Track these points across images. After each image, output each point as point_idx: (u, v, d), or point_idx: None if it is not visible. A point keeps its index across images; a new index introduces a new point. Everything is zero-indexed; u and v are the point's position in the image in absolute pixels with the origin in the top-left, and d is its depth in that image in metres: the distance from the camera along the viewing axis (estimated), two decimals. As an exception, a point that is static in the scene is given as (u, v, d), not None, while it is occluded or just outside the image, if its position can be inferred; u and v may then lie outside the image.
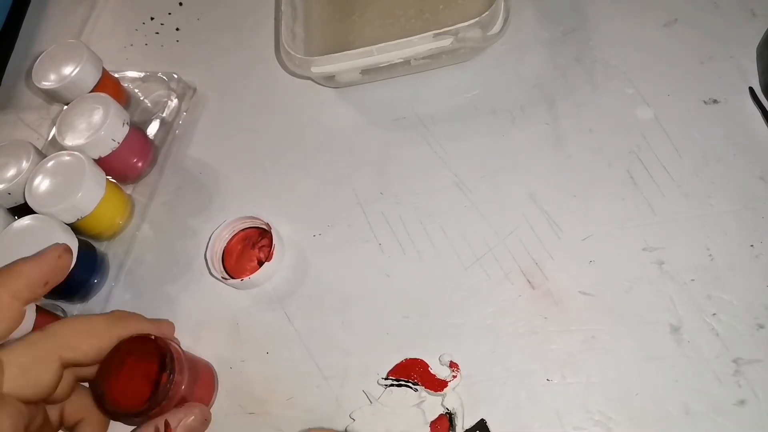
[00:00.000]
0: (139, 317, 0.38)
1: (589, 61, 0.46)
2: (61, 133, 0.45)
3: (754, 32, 0.44)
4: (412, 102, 0.48)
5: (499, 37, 0.43)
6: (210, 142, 0.51)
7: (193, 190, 0.49)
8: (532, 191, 0.42)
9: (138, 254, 0.48)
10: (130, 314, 0.38)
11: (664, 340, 0.36)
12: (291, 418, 0.39)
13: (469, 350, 0.38)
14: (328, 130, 0.49)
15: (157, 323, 0.40)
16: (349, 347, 0.40)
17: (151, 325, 0.39)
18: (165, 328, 0.41)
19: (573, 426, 0.35)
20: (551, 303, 0.39)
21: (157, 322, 0.40)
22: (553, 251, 0.40)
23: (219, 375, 0.41)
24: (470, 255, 0.41)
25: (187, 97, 0.53)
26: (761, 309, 0.36)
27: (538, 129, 0.44)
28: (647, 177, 0.41)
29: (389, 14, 0.50)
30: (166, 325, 0.41)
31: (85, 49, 0.48)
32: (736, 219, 0.39)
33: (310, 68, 0.45)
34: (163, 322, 0.41)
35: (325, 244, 0.44)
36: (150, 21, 0.59)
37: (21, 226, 0.41)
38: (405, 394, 0.38)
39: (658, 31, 0.46)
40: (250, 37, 0.55)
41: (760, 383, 0.34)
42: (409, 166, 0.45)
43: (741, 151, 0.41)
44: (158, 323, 0.40)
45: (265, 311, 0.43)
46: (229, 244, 0.45)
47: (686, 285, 0.38)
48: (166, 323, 0.42)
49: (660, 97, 0.43)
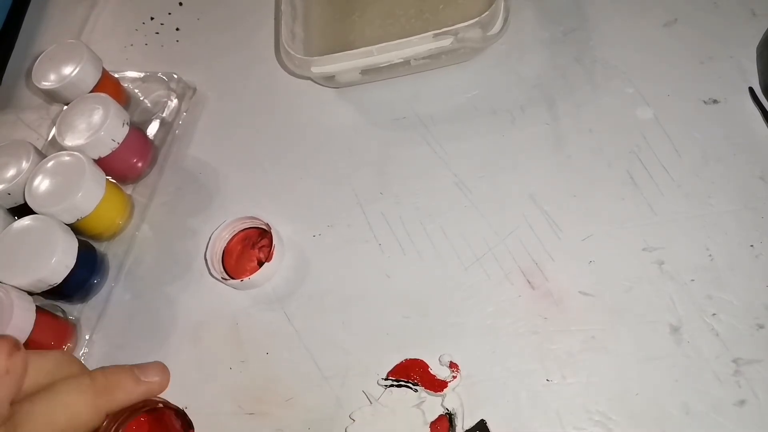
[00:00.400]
0: (124, 378, 0.31)
1: (589, 61, 0.46)
2: (61, 134, 0.45)
3: (754, 32, 0.44)
4: (412, 102, 0.48)
5: (499, 37, 0.43)
6: (210, 142, 0.51)
7: (193, 190, 0.49)
8: (532, 191, 0.42)
9: (138, 254, 0.48)
10: (115, 375, 0.31)
11: (664, 340, 0.36)
12: (291, 418, 0.39)
13: (469, 350, 0.38)
14: (328, 130, 0.49)
15: (146, 381, 0.32)
16: (349, 347, 0.40)
17: (138, 385, 0.32)
18: (156, 381, 0.33)
19: (573, 426, 0.35)
20: (551, 303, 0.39)
21: (145, 375, 0.33)
22: (553, 251, 0.40)
23: (219, 375, 0.41)
24: (470, 255, 0.41)
25: (187, 97, 0.53)
26: (761, 309, 0.36)
27: (538, 129, 0.44)
28: (647, 177, 0.41)
29: (389, 14, 0.50)
30: (154, 371, 0.33)
31: (85, 49, 0.48)
32: (736, 219, 0.39)
33: (310, 68, 0.45)
34: (150, 369, 0.33)
35: (325, 244, 0.44)
36: (150, 21, 0.59)
37: (21, 226, 0.41)
38: (405, 395, 0.38)
39: (658, 31, 0.46)
40: (250, 37, 0.55)
41: (760, 383, 0.34)
42: (409, 166, 0.45)
43: (741, 151, 0.41)
44: (147, 379, 0.33)
45: (264, 311, 0.43)
46: (229, 244, 0.45)
47: (686, 285, 0.38)
48: (155, 370, 0.33)
49: (660, 97, 0.43)
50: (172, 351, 0.43)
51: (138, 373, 0.32)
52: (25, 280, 0.40)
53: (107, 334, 0.45)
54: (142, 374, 0.33)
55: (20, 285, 0.40)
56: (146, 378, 0.33)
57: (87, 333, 0.45)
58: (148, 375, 0.33)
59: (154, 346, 0.43)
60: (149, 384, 0.33)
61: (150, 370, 0.33)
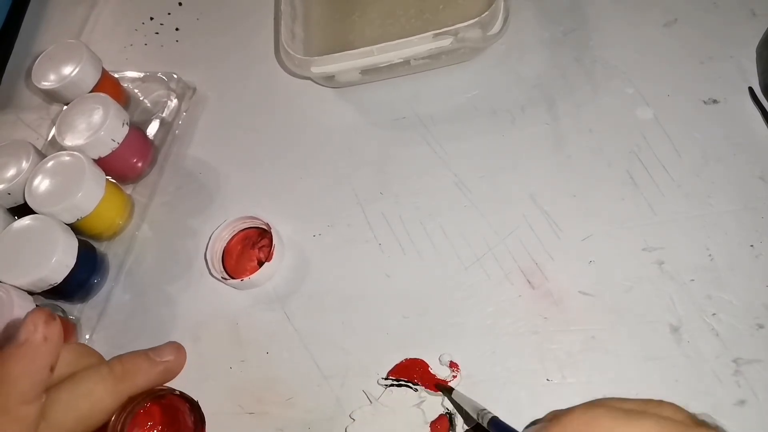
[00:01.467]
0: (140, 362, 0.33)
1: (589, 61, 0.46)
2: (60, 133, 0.45)
3: (754, 32, 0.44)
4: (412, 102, 0.48)
5: (499, 37, 0.43)
6: (210, 142, 0.51)
7: (193, 190, 0.49)
8: (532, 191, 0.42)
9: (138, 254, 0.48)
10: (131, 360, 0.33)
11: (664, 340, 0.36)
12: (291, 418, 0.39)
13: (469, 350, 0.38)
14: (328, 129, 0.49)
15: (162, 361, 0.34)
16: (349, 347, 0.40)
17: (155, 366, 0.33)
18: (171, 360, 0.35)
19: (573, 426, 0.35)
20: (551, 303, 0.39)
21: (160, 356, 0.34)
22: (553, 251, 0.40)
23: (219, 375, 0.41)
24: (470, 255, 0.41)
25: (187, 97, 0.53)
26: (761, 309, 0.36)
27: (538, 129, 0.44)
28: (647, 177, 0.41)
29: (389, 14, 0.50)
30: (169, 350, 0.35)
31: (85, 49, 0.48)
32: (736, 219, 0.39)
33: (310, 68, 0.45)
34: (165, 349, 0.35)
35: (325, 244, 0.44)
36: (150, 21, 0.59)
37: (21, 226, 0.41)
38: (405, 394, 0.38)
39: (658, 31, 0.46)
40: (250, 37, 0.55)
41: (760, 383, 0.34)
42: (409, 166, 0.45)
43: (741, 151, 0.41)
44: (162, 360, 0.34)
45: (265, 311, 0.43)
46: (229, 244, 0.45)
47: (686, 285, 0.38)
48: (169, 350, 0.35)
49: (660, 97, 0.43)
50: (172, 351, 0.43)
51: (153, 355, 0.34)
52: (26, 279, 0.40)
53: (107, 334, 0.45)
54: (157, 356, 0.34)
55: (20, 284, 0.40)
56: (161, 358, 0.34)
57: (87, 333, 0.45)
58: (163, 355, 0.35)
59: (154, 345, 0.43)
60: (165, 363, 0.34)
61: (165, 351, 0.35)
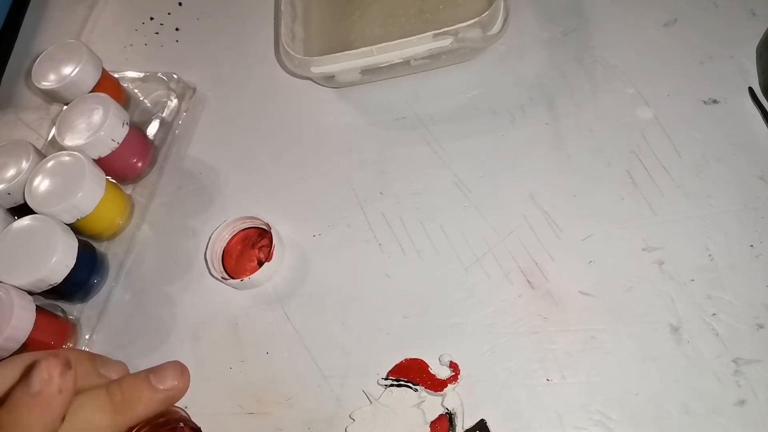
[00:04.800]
0: (141, 390, 0.30)
1: (589, 61, 0.46)
2: (60, 133, 0.45)
3: (754, 32, 0.44)
4: (412, 102, 0.48)
5: (499, 37, 0.43)
6: (210, 142, 0.51)
7: (193, 190, 0.49)
8: (532, 191, 0.42)
9: (138, 254, 0.48)
10: (131, 387, 0.30)
11: (664, 340, 0.36)
12: (291, 418, 0.39)
13: (469, 350, 0.38)
14: (328, 130, 0.49)
15: (164, 389, 0.31)
16: (349, 347, 0.40)
17: (156, 394, 0.31)
18: (174, 386, 0.31)
19: (573, 426, 0.35)
20: (551, 303, 0.39)
21: (163, 383, 0.31)
22: (553, 251, 0.40)
23: (219, 375, 0.41)
24: (470, 255, 0.41)
25: (187, 97, 0.53)
26: (761, 309, 0.36)
27: (538, 129, 0.44)
28: (647, 177, 0.41)
29: (389, 14, 0.50)
30: (172, 375, 0.32)
31: (85, 49, 0.48)
32: (736, 219, 0.39)
33: (310, 68, 0.45)
34: (168, 374, 0.31)
35: (325, 244, 0.44)
36: (150, 21, 0.59)
37: (21, 226, 0.41)
38: (405, 394, 0.38)
39: (658, 31, 0.46)
40: (250, 37, 0.55)
41: (760, 383, 0.34)
42: (409, 166, 0.45)
43: (741, 151, 0.41)
44: (165, 387, 0.31)
45: (265, 311, 0.43)
46: (229, 244, 0.45)
47: (686, 285, 0.38)
48: (172, 374, 0.32)
49: (660, 97, 0.43)
50: (172, 351, 0.43)
51: (155, 382, 0.31)
52: (26, 279, 0.40)
53: (107, 334, 0.45)
54: (159, 382, 0.31)
55: (20, 284, 0.40)
56: (164, 386, 0.31)
57: (87, 333, 0.45)
58: (166, 381, 0.31)
59: (154, 346, 0.43)
60: (167, 391, 0.31)
61: (168, 376, 0.32)
